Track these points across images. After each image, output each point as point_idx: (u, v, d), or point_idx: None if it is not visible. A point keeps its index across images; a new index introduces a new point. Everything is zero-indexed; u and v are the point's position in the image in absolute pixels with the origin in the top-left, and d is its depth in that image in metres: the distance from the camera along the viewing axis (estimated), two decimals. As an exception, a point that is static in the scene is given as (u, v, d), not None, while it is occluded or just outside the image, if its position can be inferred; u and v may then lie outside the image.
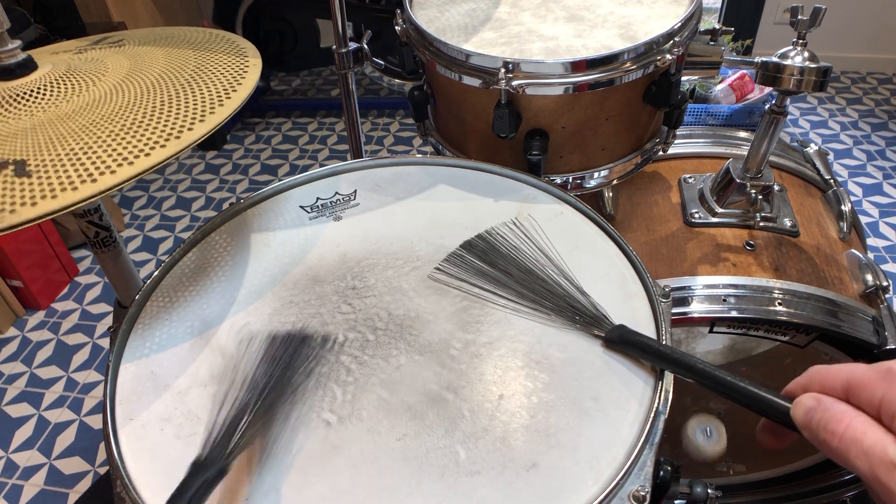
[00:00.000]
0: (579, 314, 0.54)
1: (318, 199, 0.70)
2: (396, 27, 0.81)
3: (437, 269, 0.60)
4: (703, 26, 0.77)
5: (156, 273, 0.61)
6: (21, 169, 0.48)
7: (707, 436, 0.54)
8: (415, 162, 0.75)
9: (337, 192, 0.71)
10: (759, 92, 1.99)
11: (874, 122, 2.25)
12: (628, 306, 0.55)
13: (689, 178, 0.93)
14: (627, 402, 0.47)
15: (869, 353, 0.74)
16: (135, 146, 0.49)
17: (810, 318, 0.73)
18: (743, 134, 1.02)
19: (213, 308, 0.58)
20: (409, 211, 0.68)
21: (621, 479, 0.43)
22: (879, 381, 0.32)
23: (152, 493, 0.44)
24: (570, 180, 0.81)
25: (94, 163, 0.48)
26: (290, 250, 0.64)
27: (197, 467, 0.42)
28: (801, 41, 0.70)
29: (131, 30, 0.72)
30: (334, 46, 0.92)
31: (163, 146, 0.49)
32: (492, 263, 0.59)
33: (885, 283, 0.79)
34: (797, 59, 0.70)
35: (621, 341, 0.51)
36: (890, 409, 0.31)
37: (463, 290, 0.57)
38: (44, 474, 1.34)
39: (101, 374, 1.54)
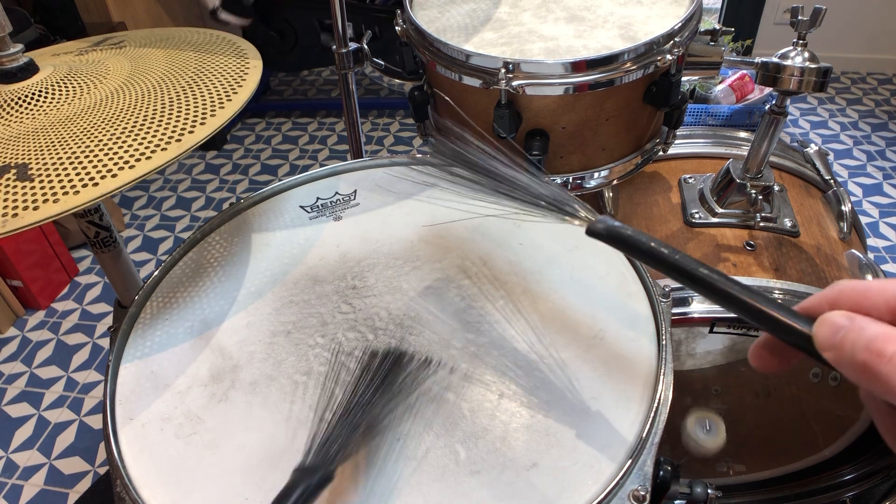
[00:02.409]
0: (557, 203, 0.47)
1: (318, 199, 0.70)
2: (396, 27, 0.81)
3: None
4: (703, 26, 0.77)
5: (156, 273, 0.61)
6: (23, 173, 0.48)
7: (706, 430, 0.54)
8: (415, 162, 0.75)
9: (337, 192, 0.71)
10: (759, 92, 1.99)
11: (874, 123, 2.25)
12: (628, 306, 0.55)
13: (689, 178, 0.93)
14: (627, 402, 0.48)
15: (869, 353, 0.74)
16: (136, 149, 0.49)
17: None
18: (743, 134, 1.02)
19: (213, 308, 0.58)
20: (409, 211, 0.68)
21: (621, 478, 0.43)
22: None
23: (152, 493, 0.44)
24: (571, 180, 0.81)
25: (95, 166, 0.48)
26: (290, 250, 0.64)
27: (301, 473, 0.41)
28: (801, 41, 0.70)
29: (132, 30, 0.73)
30: (334, 46, 0.92)
31: (164, 149, 0.50)
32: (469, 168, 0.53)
33: (885, 284, 0.79)
34: (797, 59, 0.70)
35: (608, 235, 0.42)
36: None
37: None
38: (44, 474, 1.34)
39: (101, 374, 1.54)
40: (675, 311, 0.75)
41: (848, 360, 0.28)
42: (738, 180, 0.84)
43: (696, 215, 0.87)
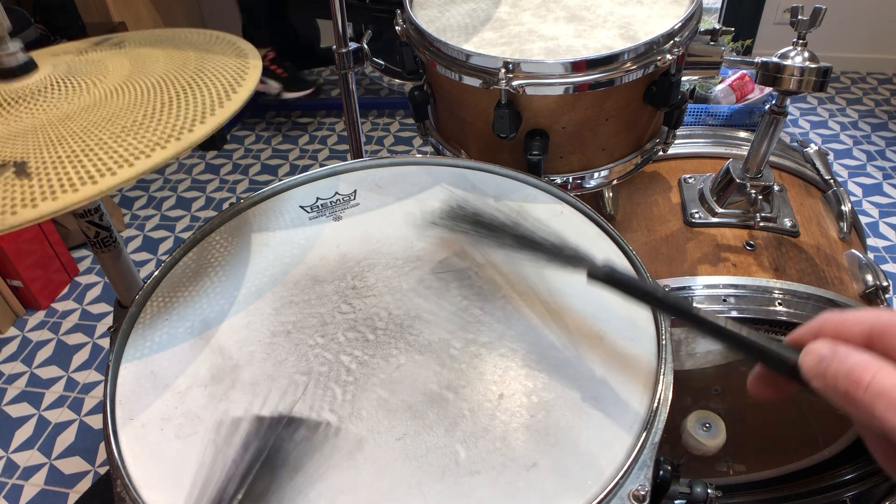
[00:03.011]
0: (562, 250, 0.51)
1: (318, 199, 0.70)
2: (396, 27, 0.81)
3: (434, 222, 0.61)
4: (703, 26, 0.77)
5: (156, 273, 0.61)
6: (22, 170, 0.48)
7: (706, 429, 0.54)
8: (415, 162, 0.75)
9: (337, 192, 0.71)
10: (759, 92, 1.99)
11: (874, 123, 2.25)
12: (628, 306, 0.55)
13: (689, 178, 0.93)
14: (627, 402, 0.48)
15: (869, 353, 0.74)
16: (135, 147, 0.49)
17: (810, 318, 0.72)
18: (743, 134, 1.02)
19: (213, 308, 0.58)
20: (409, 211, 0.68)
21: (621, 478, 0.43)
22: None
23: (152, 493, 0.44)
24: (570, 180, 0.81)
25: (94, 164, 0.48)
26: (290, 250, 0.64)
27: None
28: (801, 41, 0.70)
29: (133, 31, 0.72)
30: (334, 46, 0.92)
31: (163, 147, 0.49)
32: (470, 224, 0.59)
33: (885, 284, 0.79)
34: (797, 59, 0.70)
35: (607, 279, 0.46)
36: None
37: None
38: (44, 474, 1.34)
39: (101, 374, 1.54)
40: (675, 310, 0.75)
41: (832, 388, 0.30)
42: (737, 180, 0.84)
43: (696, 215, 0.87)
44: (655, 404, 0.47)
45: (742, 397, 0.86)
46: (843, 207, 0.89)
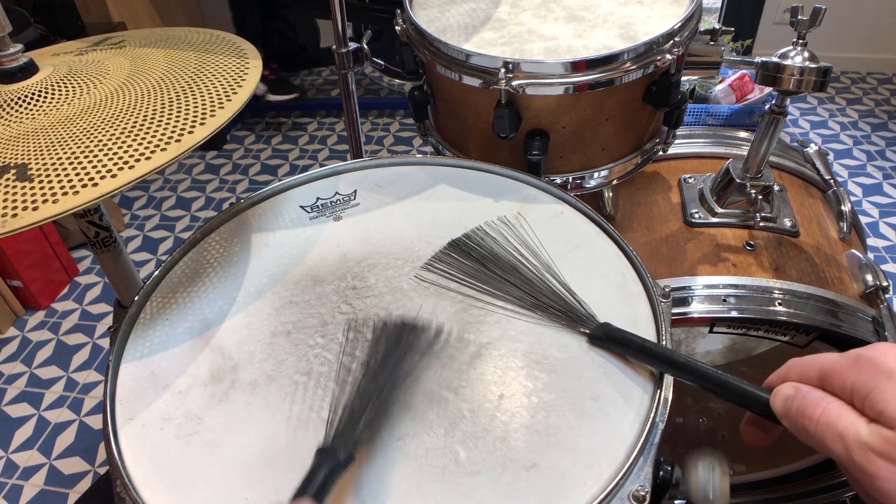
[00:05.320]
0: (564, 311, 0.54)
1: (318, 199, 0.70)
2: (396, 27, 0.81)
3: (425, 267, 0.60)
4: (703, 26, 0.77)
5: (156, 273, 0.61)
6: (23, 173, 0.48)
7: (711, 471, 0.52)
8: (415, 162, 0.75)
9: (337, 192, 0.71)
10: (759, 92, 1.99)
11: (874, 123, 2.25)
12: (628, 306, 0.55)
13: (689, 178, 0.93)
14: (627, 402, 0.48)
15: (869, 353, 0.74)
16: (135, 150, 0.49)
17: (810, 318, 0.73)
18: (743, 134, 1.02)
19: (213, 308, 0.58)
20: (409, 211, 0.68)
21: (621, 478, 0.43)
22: (850, 367, 0.33)
23: (152, 492, 0.44)
24: (570, 180, 0.81)
25: (94, 167, 0.48)
26: (290, 250, 0.64)
27: (323, 454, 0.42)
28: (801, 41, 0.70)
29: (132, 30, 0.73)
30: (334, 46, 0.92)
31: (163, 149, 0.50)
32: (476, 261, 0.59)
33: (885, 284, 0.79)
34: (797, 59, 0.70)
35: (606, 338, 0.51)
36: (861, 393, 0.32)
37: (451, 290, 0.57)
38: (44, 474, 1.34)
39: (101, 374, 1.54)
40: (675, 311, 0.75)
41: (794, 426, 0.35)
42: (737, 180, 0.84)
43: (696, 215, 0.87)
44: (655, 404, 0.47)
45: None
46: (843, 207, 0.89)
